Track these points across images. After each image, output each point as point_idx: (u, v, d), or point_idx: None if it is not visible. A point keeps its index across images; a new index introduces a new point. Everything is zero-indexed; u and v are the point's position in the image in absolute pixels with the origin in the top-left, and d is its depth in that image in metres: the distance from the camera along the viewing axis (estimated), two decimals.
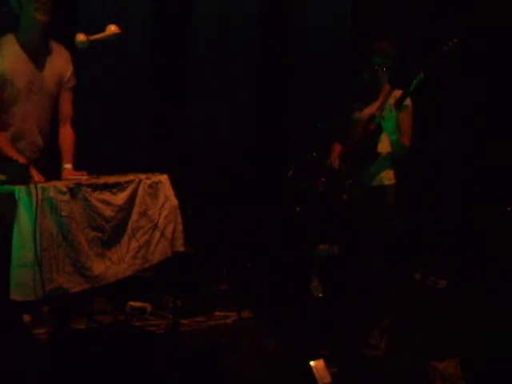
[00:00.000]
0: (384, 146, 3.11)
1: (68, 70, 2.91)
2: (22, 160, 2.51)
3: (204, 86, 4.58)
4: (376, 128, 3.08)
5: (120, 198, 2.65)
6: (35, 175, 2.49)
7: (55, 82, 2.86)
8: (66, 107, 2.93)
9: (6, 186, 2.34)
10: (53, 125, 2.93)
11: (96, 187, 2.55)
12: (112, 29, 2.80)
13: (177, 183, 2.93)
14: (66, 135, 2.93)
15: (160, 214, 2.81)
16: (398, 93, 3.15)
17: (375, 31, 4.64)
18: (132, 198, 2.71)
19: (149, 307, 3.72)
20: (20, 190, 2.31)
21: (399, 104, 3.04)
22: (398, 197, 3.21)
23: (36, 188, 2.30)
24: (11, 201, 2.30)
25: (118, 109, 4.12)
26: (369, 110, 3.17)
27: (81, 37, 2.72)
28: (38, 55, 2.80)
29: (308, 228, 3.53)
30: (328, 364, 2.71)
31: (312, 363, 2.66)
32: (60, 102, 2.90)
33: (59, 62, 2.87)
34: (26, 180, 2.36)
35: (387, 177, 3.16)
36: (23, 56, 2.76)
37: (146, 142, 4.42)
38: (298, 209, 3.47)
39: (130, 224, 2.69)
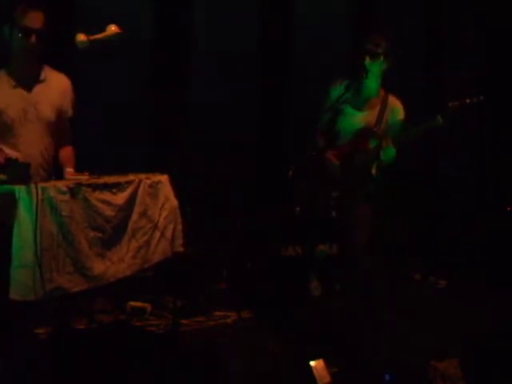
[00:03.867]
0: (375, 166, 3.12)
1: (66, 99, 2.94)
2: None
3: (204, 86, 4.57)
4: (374, 151, 3.06)
5: (120, 197, 2.65)
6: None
7: (52, 109, 2.88)
8: (65, 133, 2.97)
9: (6, 186, 2.34)
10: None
11: (96, 187, 2.56)
12: (112, 29, 2.80)
13: (177, 183, 2.93)
14: (66, 152, 2.97)
15: (160, 215, 2.81)
16: (393, 100, 3.13)
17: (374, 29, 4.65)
18: (132, 198, 2.71)
19: (149, 307, 3.72)
20: (20, 190, 2.31)
21: (400, 142, 3.01)
22: (394, 199, 3.21)
23: (36, 188, 2.31)
24: (11, 200, 2.30)
25: (117, 109, 4.12)
26: (365, 118, 3.14)
27: (81, 37, 2.72)
28: (32, 84, 2.83)
29: (307, 228, 3.53)
30: (328, 364, 2.71)
31: (312, 363, 2.66)
32: (59, 130, 2.93)
33: (56, 91, 2.90)
34: (26, 180, 2.37)
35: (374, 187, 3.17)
36: (16, 87, 2.80)
37: (145, 142, 4.42)
38: (297, 209, 3.47)
39: (130, 224, 2.69)
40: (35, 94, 2.84)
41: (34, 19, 2.73)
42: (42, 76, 2.87)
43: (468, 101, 3.00)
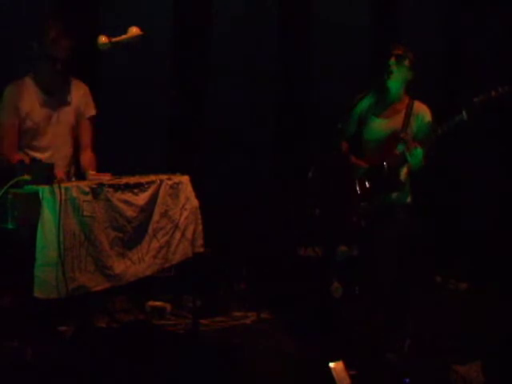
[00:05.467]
0: (404, 171, 3.10)
1: (84, 102, 3.03)
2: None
3: (223, 86, 4.58)
4: (401, 156, 3.04)
5: (141, 198, 2.68)
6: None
7: (73, 114, 3.00)
8: (86, 135, 3.05)
9: (30, 186, 2.38)
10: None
11: (118, 187, 2.59)
12: (134, 31, 2.84)
13: (197, 183, 2.95)
14: (87, 158, 3.04)
15: (181, 215, 2.83)
16: (418, 105, 3.12)
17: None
18: (153, 198, 2.74)
19: (168, 307, 3.74)
20: (44, 190, 2.35)
21: (426, 142, 2.98)
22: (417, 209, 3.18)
23: (60, 188, 2.34)
24: (35, 200, 2.34)
25: (138, 110, 4.15)
26: (389, 124, 3.12)
27: (103, 39, 2.77)
28: (55, 91, 2.95)
29: (328, 229, 3.52)
30: (347, 366, 2.69)
31: (331, 365, 2.65)
32: (79, 131, 3.03)
33: (77, 96, 3.01)
34: (49, 180, 2.40)
35: (404, 195, 3.15)
36: (41, 93, 2.92)
37: (166, 143, 4.44)
38: (317, 210, 3.45)
39: (150, 224, 2.72)
40: (59, 100, 2.96)
41: (63, 49, 2.82)
42: (65, 84, 2.98)
43: (494, 93, 2.91)
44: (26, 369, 2.46)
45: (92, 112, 3.06)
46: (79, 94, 3.02)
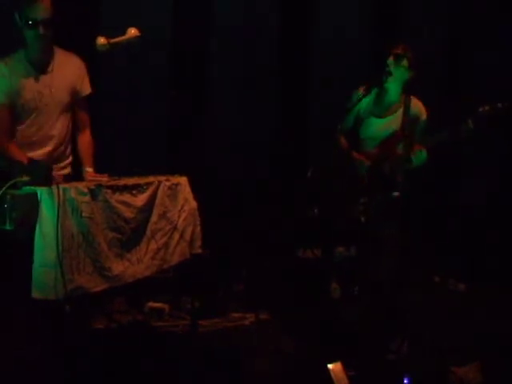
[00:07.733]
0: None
1: (80, 79, 2.93)
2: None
3: (224, 87, 4.58)
4: (404, 156, 3.04)
5: (140, 199, 2.68)
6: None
7: (67, 92, 2.89)
8: (83, 115, 2.99)
9: (29, 187, 2.38)
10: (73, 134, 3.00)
11: (116, 189, 2.59)
12: (132, 32, 2.83)
13: (195, 185, 2.95)
14: (85, 142, 3.00)
15: (179, 216, 2.84)
16: (415, 102, 3.12)
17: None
18: (152, 199, 2.74)
19: (167, 308, 3.74)
20: (42, 191, 2.35)
21: (430, 146, 3.00)
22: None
23: (58, 189, 2.34)
24: (34, 201, 2.34)
25: (137, 111, 4.14)
26: (388, 124, 3.13)
27: (101, 40, 2.76)
28: (46, 67, 2.83)
29: (326, 229, 3.52)
30: (346, 366, 2.69)
31: (330, 366, 2.65)
32: (76, 111, 2.96)
33: (70, 72, 2.90)
34: (48, 181, 2.41)
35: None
36: (31, 70, 2.80)
37: (166, 143, 4.44)
38: (316, 210, 3.46)
39: (149, 225, 2.72)
40: (50, 76, 2.83)
41: (39, 10, 2.70)
42: (56, 59, 2.86)
43: (500, 105, 2.94)
44: (27, 369, 2.46)
45: (88, 90, 2.95)
46: (74, 70, 2.90)
